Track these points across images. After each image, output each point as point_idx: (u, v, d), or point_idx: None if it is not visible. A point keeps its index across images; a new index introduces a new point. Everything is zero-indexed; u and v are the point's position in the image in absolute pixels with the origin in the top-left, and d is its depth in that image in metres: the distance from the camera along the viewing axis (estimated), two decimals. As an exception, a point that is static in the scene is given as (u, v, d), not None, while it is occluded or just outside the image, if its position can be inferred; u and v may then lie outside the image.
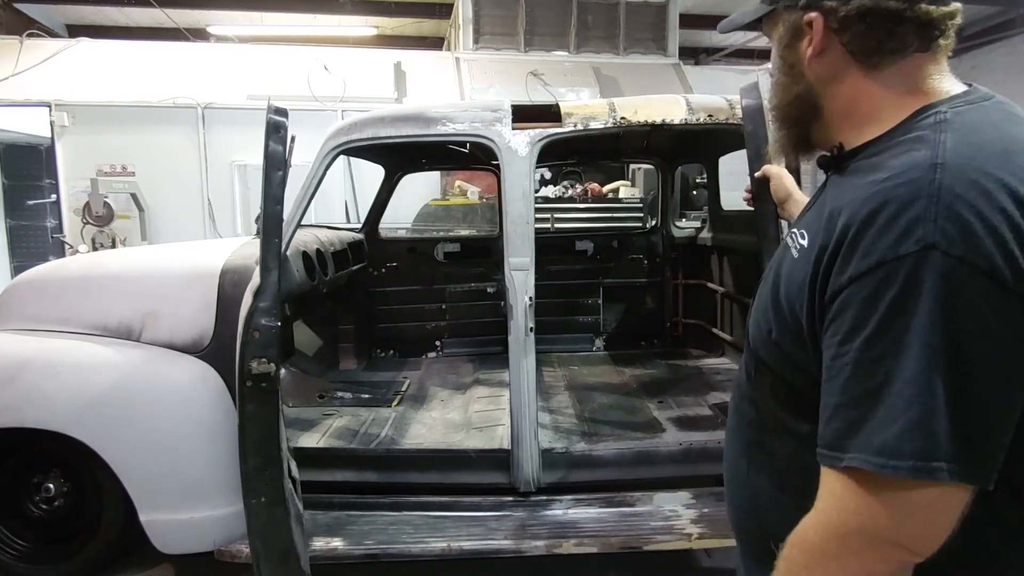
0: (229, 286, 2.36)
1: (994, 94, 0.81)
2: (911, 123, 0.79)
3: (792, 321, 0.82)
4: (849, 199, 0.76)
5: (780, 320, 0.85)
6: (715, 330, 3.89)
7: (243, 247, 2.58)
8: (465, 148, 3.35)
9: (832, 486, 0.72)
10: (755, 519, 0.96)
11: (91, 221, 6.13)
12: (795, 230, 0.90)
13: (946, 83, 0.83)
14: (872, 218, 0.71)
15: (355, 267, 3.60)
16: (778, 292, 0.86)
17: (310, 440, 2.70)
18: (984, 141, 0.73)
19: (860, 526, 0.70)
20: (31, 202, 7.27)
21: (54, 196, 6.66)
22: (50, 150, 6.45)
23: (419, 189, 6.31)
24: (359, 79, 6.75)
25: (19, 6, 8.68)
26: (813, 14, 0.84)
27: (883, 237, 0.69)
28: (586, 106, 2.60)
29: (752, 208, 2.06)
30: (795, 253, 0.85)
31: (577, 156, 4.30)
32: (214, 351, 2.32)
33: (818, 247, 0.78)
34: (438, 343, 4.17)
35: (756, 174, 1.97)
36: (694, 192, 6.35)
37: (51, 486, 2.42)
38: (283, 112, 2.07)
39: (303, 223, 2.54)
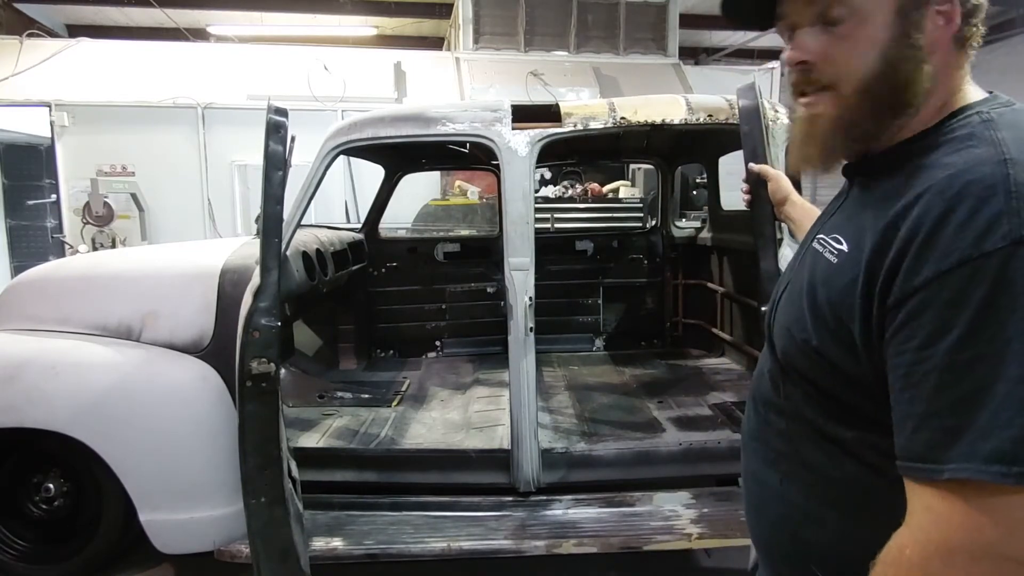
0: (229, 286, 2.36)
1: (1013, 100, 0.80)
2: (951, 123, 0.77)
3: (838, 328, 0.78)
4: (906, 202, 0.72)
5: (822, 328, 0.80)
6: (715, 330, 3.89)
7: (243, 247, 2.58)
8: (465, 148, 3.35)
9: (927, 500, 0.67)
10: (788, 534, 0.91)
11: (91, 221, 6.13)
12: (823, 236, 0.86)
13: (973, 85, 0.81)
14: (945, 217, 0.67)
15: (355, 267, 3.60)
16: (816, 300, 0.81)
17: (310, 440, 2.70)
18: None
19: (967, 541, 0.65)
20: (31, 202, 7.27)
21: (54, 196, 6.66)
22: (50, 150, 6.45)
23: (419, 189, 6.31)
24: (359, 79, 6.75)
25: (19, 6, 8.69)
26: None
27: (962, 235, 0.66)
28: (586, 106, 2.60)
29: (749, 209, 2.06)
30: (832, 259, 0.81)
31: (577, 156, 4.30)
32: (214, 351, 2.32)
33: (870, 251, 0.74)
34: (438, 343, 4.17)
35: (753, 169, 1.97)
36: (694, 192, 6.36)
37: (51, 486, 2.42)
38: (283, 112, 2.07)
39: (303, 223, 2.54)
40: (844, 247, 0.80)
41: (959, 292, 0.65)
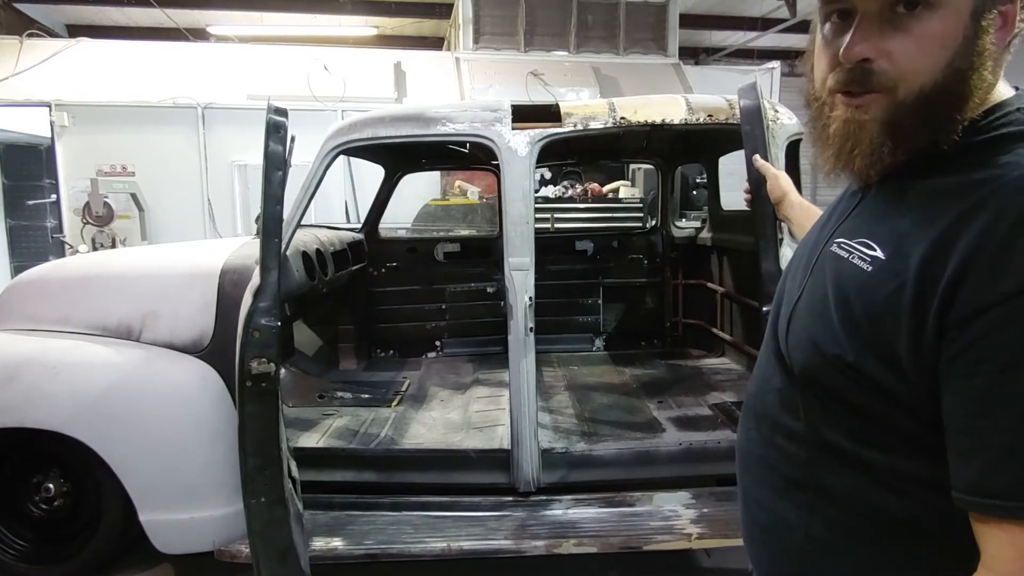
0: (229, 286, 2.36)
1: None
2: (988, 120, 0.73)
3: (878, 343, 0.71)
4: (961, 205, 0.67)
5: (860, 342, 0.72)
6: (715, 330, 3.89)
7: (243, 247, 2.58)
8: (465, 148, 3.35)
9: (1015, 540, 0.62)
10: (804, 569, 0.84)
11: (91, 221, 6.13)
12: (845, 240, 0.79)
13: (1001, 82, 0.76)
14: (1022, 224, 0.62)
15: (355, 267, 3.60)
16: (851, 311, 0.74)
17: (310, 440, 2.69)
18: None
19: None
20: (31, 202, 7.27)
21: (54, 196, 6.66)
22: (50, 150, 6.45)
23: (419, 189, 6.31)
24: (359, 79, 6.75)
25: (19, 6, 8.69)
26: None
27: None
28: (586, 106, 2.60)
29: (750, 208, 2.06)
30: (864, 266, 0.74)
31: (577, 156, 4.30)
32: (214, 351, 2.32)
33: (922, 259, 0.67)
34: (438, 343, 4.17)
35: (753, 165, 1.97)
36: (694, 192, 6.37)
37: (51, 486, 2.42)
38: (283, 112, 2.07)
39: (303, 223, 2.54)
40: (879, 253, 0.73)
41: None
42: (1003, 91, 0.76)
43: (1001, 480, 0.62)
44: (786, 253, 2.15)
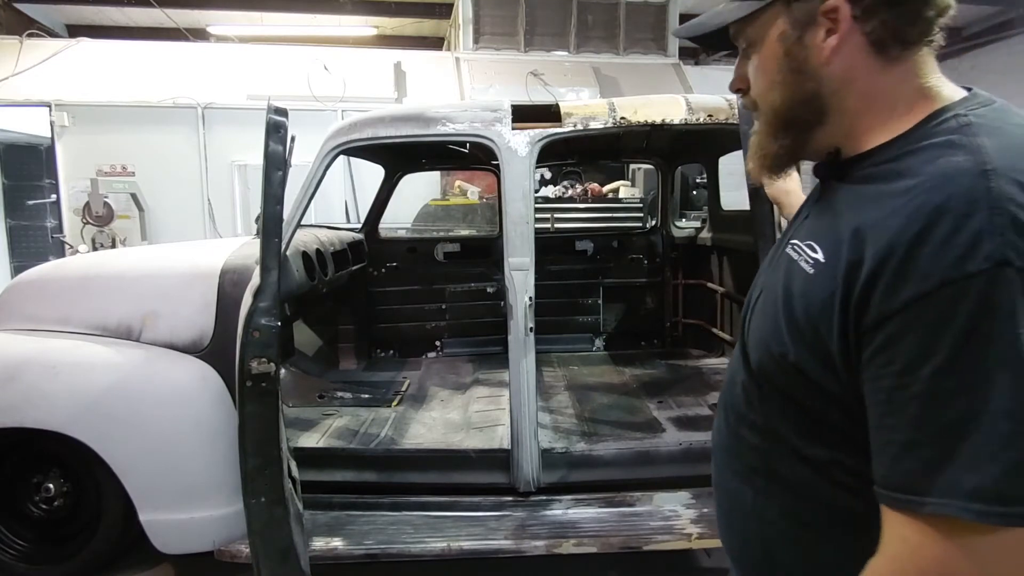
0: (229, 286, 2.36)
1: (994, 97, 0.77)
2: (927, 127, 0.74)
3: (817, 343, 0.74)
4: (882, 212, 0.69)
5: (801, 342, 0.77)
6: (715, 330, 3.89)
7: (243, 247, 2.58)
8: (465, 148, 3.35)
9: (903, 531, 0.66)
10: (761, 551, 0.89)
11: (91, 221, 6.13)
12: (797, 242, 0.82)
13: (947, 84, 0.78)
14: (926, 234, 0.64)
15: (355, 267, 3.60)
16: (793, 312, 0.78)
17: (310, 440, 2.70)
18: (1022, 144, 0.68)
19: (940, 575, 0.64)
20: (31, 202, 7.27)
21: (54, 196, 6.66)
22: (50, 150, 6.45)
23: (419, 189, 6.31)
24: (359, 79, 6.75)
25: (19, 6, 8.68)
26: (836, 1, 0.75)
27: (943, 255, 0.62)
28: (586, 106, 2.60)
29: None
30: (808, 268, 0.78)
31: (577, 156, 4.30)
32: (214, 351, 2.33)
33: (846, 264, 0.71)
34: (438, 343, 4.17)
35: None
36: (694, 192, 6.36)
37: (51, 486, 2.42)
38: (283, 112, 2.07)
39: (303, 223, 2.54)
40: (820, 256, 0.77)
41: (941, 316, 0.62)
42: (949, 94, 0.77)
43: (898, 476, 0.66)
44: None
